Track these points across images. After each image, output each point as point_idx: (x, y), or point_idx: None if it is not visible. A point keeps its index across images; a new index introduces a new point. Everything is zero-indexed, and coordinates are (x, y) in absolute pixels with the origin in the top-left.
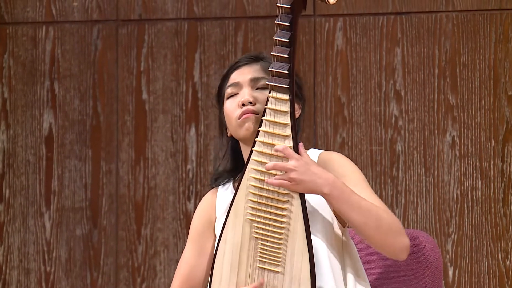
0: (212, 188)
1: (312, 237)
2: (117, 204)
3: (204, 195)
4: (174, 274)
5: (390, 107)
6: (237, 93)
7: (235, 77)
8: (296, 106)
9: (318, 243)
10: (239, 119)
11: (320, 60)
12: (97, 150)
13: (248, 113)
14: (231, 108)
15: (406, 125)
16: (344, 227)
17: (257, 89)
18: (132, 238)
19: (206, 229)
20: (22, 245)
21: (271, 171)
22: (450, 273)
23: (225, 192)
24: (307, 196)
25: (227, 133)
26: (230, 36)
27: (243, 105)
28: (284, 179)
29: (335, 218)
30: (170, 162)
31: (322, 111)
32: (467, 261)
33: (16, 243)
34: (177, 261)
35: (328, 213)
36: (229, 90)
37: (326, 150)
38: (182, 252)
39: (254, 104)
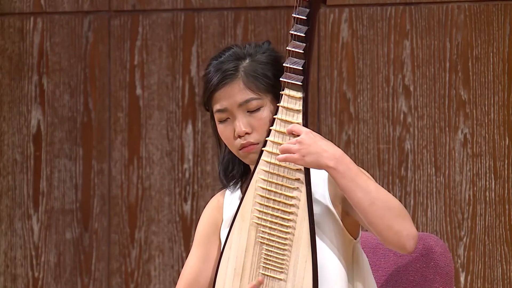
0: (224, 188)
1: (319, 248)
2: (110, 206)
3: (201, 196)
4: (169, 280)
5: (398, 103)
6: (228, 118)
7: (220, 99)
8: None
9: (326, 254)
10: (240, 149)
11: (325, 53)
12: (88, 148)
13: (248, 146)
14: (226, 136)
15: (416, 122)
16: (355, 239)
17: (248, 111)
18: (125, 242)
19: (212, 234)
20: (8, 249)
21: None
22: (462, 279)
23: (232, 195)
24: (315, 206)
25: None
26: (229, 28)
27: (240, 136)
28: (291, 153)
29: (345, 230)
30: (166, 161)
31: (326, 107)
32: (480, 266)
33: (3, 247)
34: (173, 266)
35: (338, 225)
36: (218, 115)
37: None
38: (178, 256)
39: (251, 133)
